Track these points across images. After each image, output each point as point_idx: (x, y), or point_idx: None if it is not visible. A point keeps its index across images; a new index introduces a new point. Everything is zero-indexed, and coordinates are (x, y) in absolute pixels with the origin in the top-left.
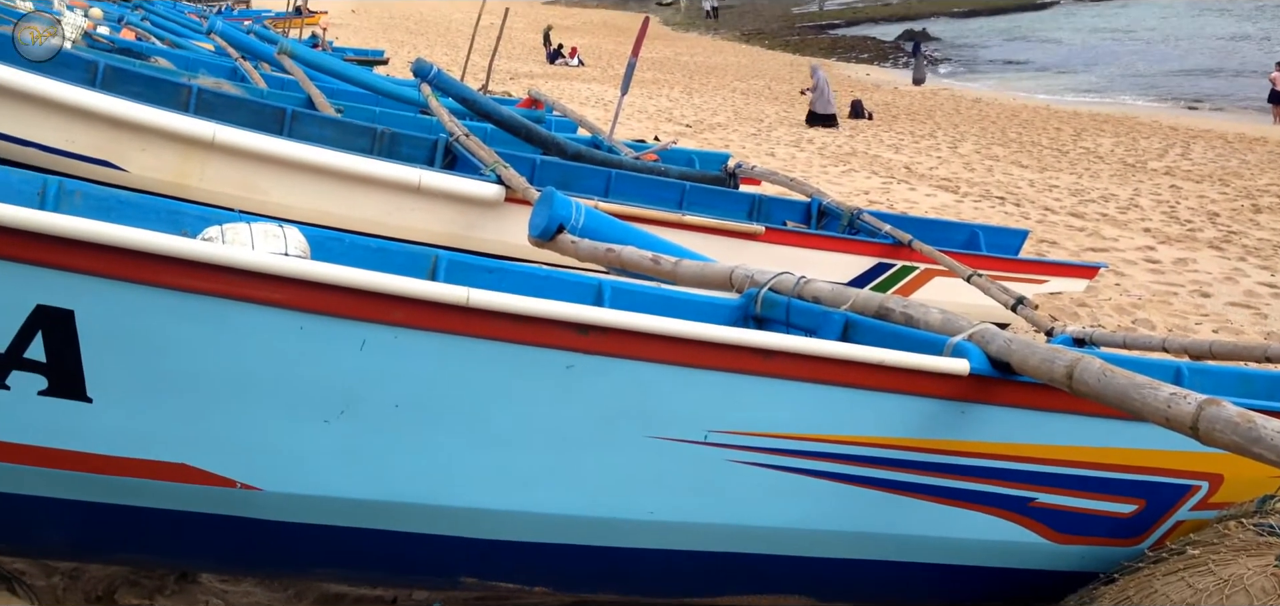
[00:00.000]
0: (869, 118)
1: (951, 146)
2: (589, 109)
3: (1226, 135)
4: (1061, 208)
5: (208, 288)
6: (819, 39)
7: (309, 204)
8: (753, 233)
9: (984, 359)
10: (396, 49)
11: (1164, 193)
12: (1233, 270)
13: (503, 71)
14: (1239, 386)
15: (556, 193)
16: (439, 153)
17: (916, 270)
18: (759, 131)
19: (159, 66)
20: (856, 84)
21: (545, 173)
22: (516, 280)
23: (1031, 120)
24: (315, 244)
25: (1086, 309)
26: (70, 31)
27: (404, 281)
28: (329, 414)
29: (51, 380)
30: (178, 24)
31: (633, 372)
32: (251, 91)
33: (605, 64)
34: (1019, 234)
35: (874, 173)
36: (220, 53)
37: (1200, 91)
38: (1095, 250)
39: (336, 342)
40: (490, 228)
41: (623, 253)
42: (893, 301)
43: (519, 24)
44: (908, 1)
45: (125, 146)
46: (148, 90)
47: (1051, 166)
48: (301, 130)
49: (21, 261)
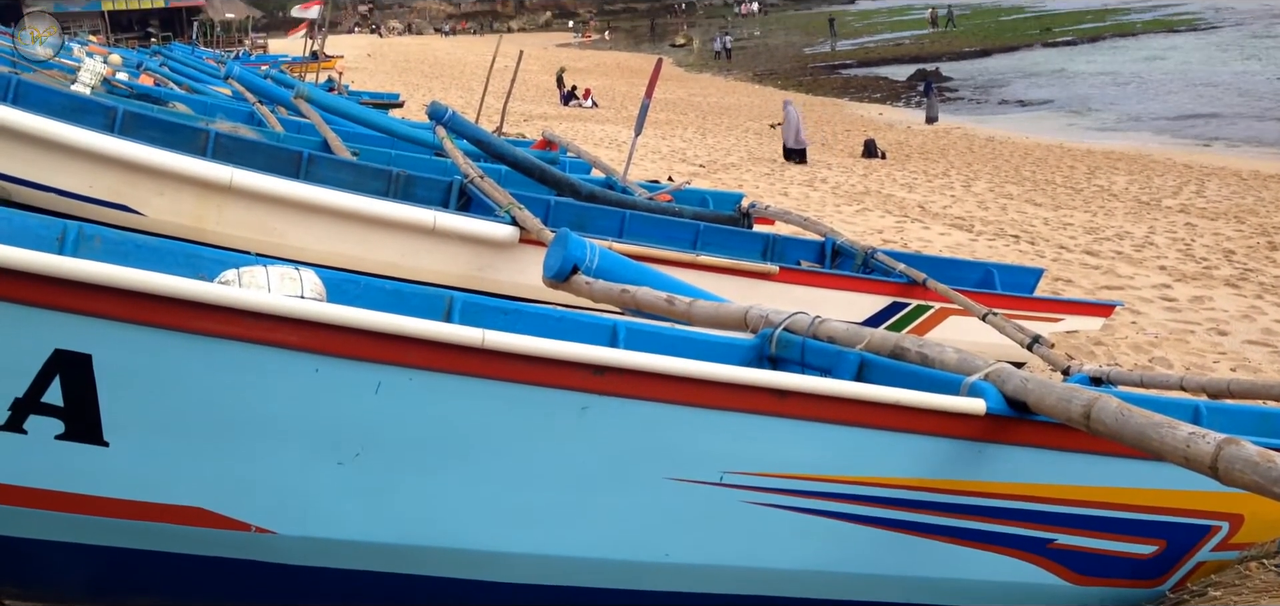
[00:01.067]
0: (882, 157)
1: (965, 185)
2: (603, 150)
3: (1241, 173)
4: (1076, 246)
5: (224, 331)
6: (831, 79)
7: (325, 246)
8: (767, 272)
9: (1001, 399)
10: (412, 92)
11: (1179, 230)
12: (1250, 308)
13: (517, 113)
14: (1258, 425)
15: (571, 234)
16: (454, 194)
17: (932, 309)
18: (772, 171)
19: (177, 111)
20: (869, 123)
21: (559, 214)
22: (531, 322)
23: (1045, 158)
24: (331, 286)
25: (1103, 347)
26: (89, 78)
27: (419, 323)
28: (344, 456)
29: (68, 424)
30: (196, 69)
31: (648, 414)
32: (268, 135)
33: (619, 105)
34: (1034, 272)
35: (888, 212)
36: (238, 97)
37: (1215, 130)
38: (1111, 288)
39: (352, 385)
40: (505, 269)
41: (637, 293)
42: (908, 341)
43: (533, 67)
44: (920, 41)
45: (143, 191)
46: (166, 135)
47: (1065, 204)
48: (318, 173)
49: (40, 306)
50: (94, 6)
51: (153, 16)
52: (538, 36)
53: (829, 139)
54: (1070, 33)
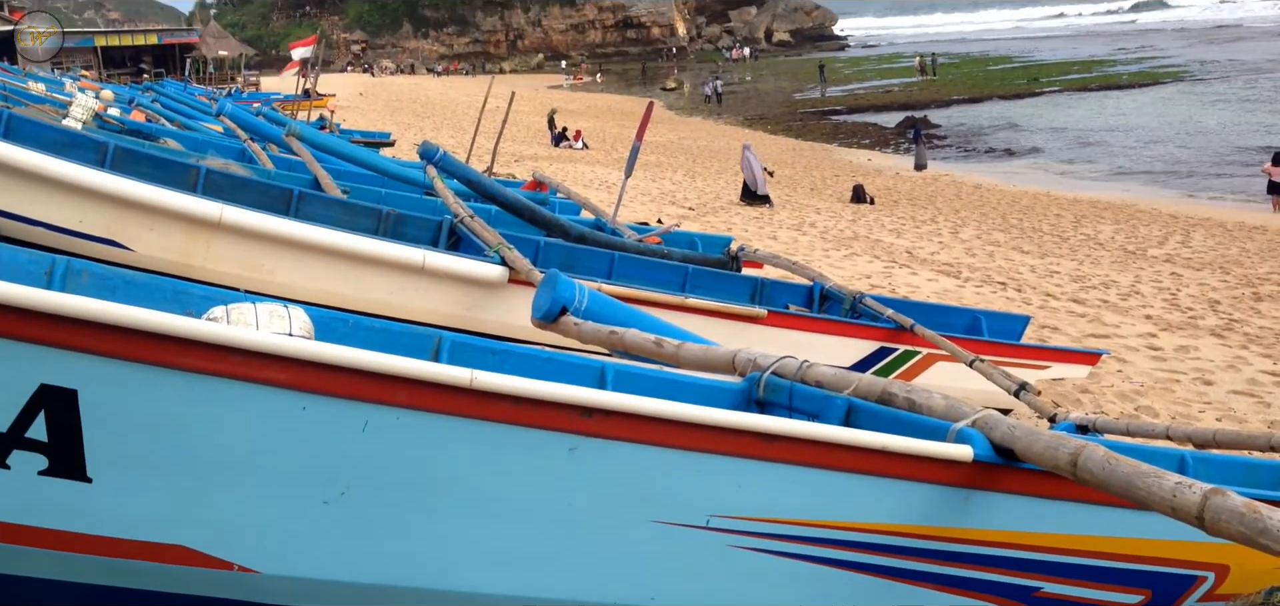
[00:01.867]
0: (871, 202)
1: (953, 232)
2: (593, 191)
3: (1226, 223)
4: (1063, 294)
5: (211, 367)
6: (821, 125)
7: (314, 284)
8: (755, 316)
9: (987, 446)
10: (403, 131)
11: (1165, 280)
12: (1235, 358)
13: (507, 154)
14: (1244, 476)
15: (560, 275)
16: (444, 234)
17: (919, 355)
18: (761, 215)
19: (168, 147)
20: (858, 169)
21: (549, 254)
22: (520, 362)
23: (1032, 207)
24: (320, 325)
25: (1089, 395)
26: (81, 113)
27: (407, 362)
28: (329, 495)
29: (52, 460)
30: (188, 106)
31: (635, 456)
32: (259, 172)
33: (609, 147)
34: (1021, 319)
35: (876, 257)
36: (229, 134)
37: (1200, 181)
38: (1097, 336)
39: (339, 424)
40: (494, 309)
41: (626, 335)
42: (896, 386)
43: (524, 108)
44: (909, 89)
45: (133, 226)
46: (157, 171)
47: (1052, 252)
48: (308, 211)
49: (27, 340)
50: (87, 42)
51: (146, 53)
52: (530, 78)
53: (818, 184)
54: (1057, 83)
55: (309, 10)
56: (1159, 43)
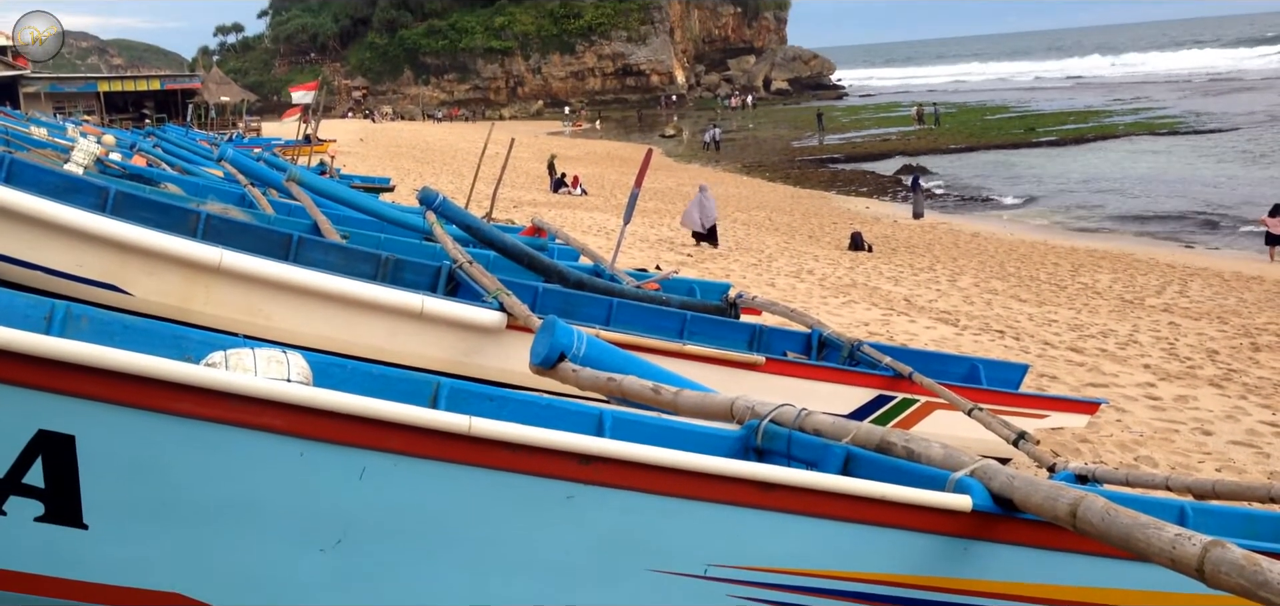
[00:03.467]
0: (869, 250)
1: (951, 280)
2: (591, 237)
3: (1223, 273)
4: (1061, 342)
5: (209, 413)
6: (819, 172)
7: (312, 329)
8: (753, 363)
9: (986, 495)
10: (403, 177)
11: (1163, 329)
12: (1234, 408)
13: (507, 199)
14: (1244, 528)
15: (558, 321)
16: (442, 279)
17: (917, 403)
18: (759, 261)
19: (169, 192)
20: (856, 216)
21: (547, 300)
22: (518, 409)
23: (1029, 255)
24: (318, 370)
25: (1088, 445)
26: (83, 157)
27: (405, 409)
28: (325, 543)
29: (49, 506)
30: (189, 151)
31: (633, 504)
32: (259, 217)
33: (608, 193)
34: (1019, 368)
35: (874, 304)
36: (230, 179)
37: (1197, 231)
38: (1095, 385)
39: (336, 470)
40: (492, 355)
41: (624, 382)
42: (894, 435)
43: (524, 154)
44: (906, 138)
45: (132, 270)
46: (157, 215)
47: (1050, 301)
48: (307, 256)
49: (24, 386)
50: (90, 88)
51: (148, 98)
52: (529, 124)
53: (816, 231)
54: (1054, 133)
55: (311, 57)
56: (1154, 94)
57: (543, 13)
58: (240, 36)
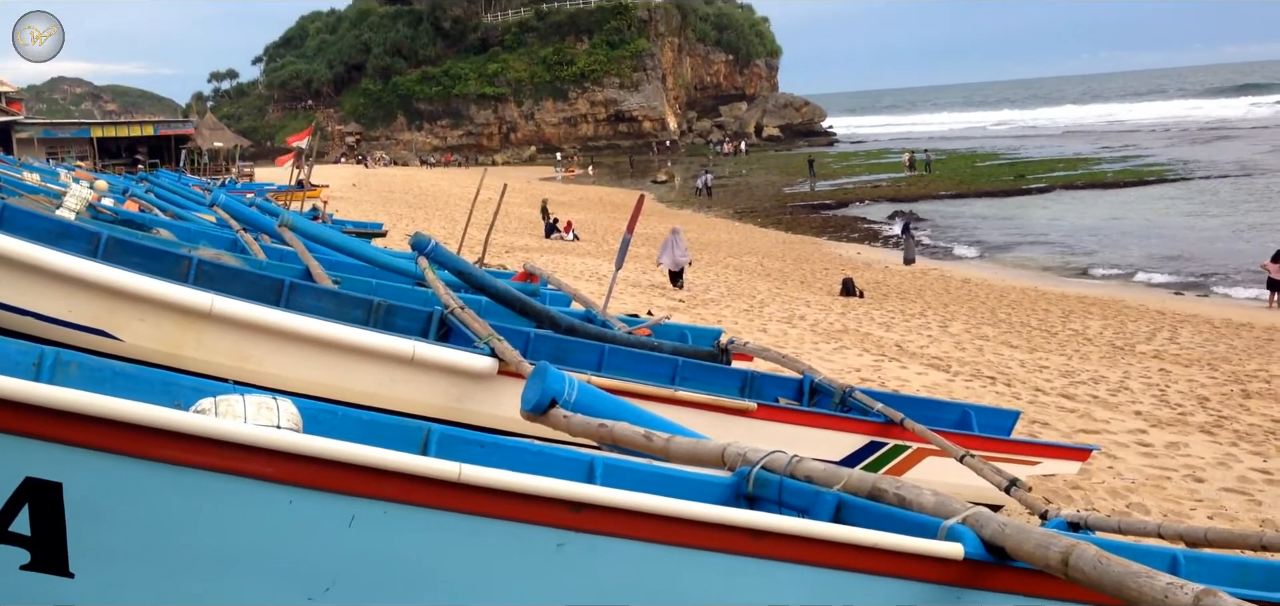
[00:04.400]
0: (860, 296)
1: (942, 325)
2: (583, 283)
3: (1213, 320)
4: (1052, 389)
5: (198, 460)
6: (810, 218)
7: (303, 375)
8: (745, 409)
9: (978, 543)
10: (395, 222)
11: (1153, 376)
12: (1225, 455)
13: (499, 245)
14: (1235, 576)
15: (550, 367)
16: (434, 325)
17: (909, 449)
18: (751, 307)
19: (161, 238)
20: (847, 262)
21: (539, 346)
22: (508, 455)
23: (1020, 301)
24: (308, 416)
25: (1080, 492)
26: (75, 203)
27: (395, 456)
28: (314, 591)
29: (35, 554)
30: (181, 196)
31: (625, 552)
32: (251, 263)
33: (600, 239)
34: (1011, 415)
35: (865, 350)
36: (222, 224)
37: (1186, 278)
38: (1087, 432)
39: (326, 518)
40: (483, 401)
41: (615, 429)
42: (886, 482)
43: (516, 199)
44: (897, 184)
45: (123, 316)
46: (149, 261)
47: (1041, 347)
48: (299, 301)
49: (12, 433)
50: (83, 133)
51: (141, 144)
52: (522, 170)
53: (807, 277)
54: (1044, 180)
55: (307, 103)
56: (1142, 142)
57: (536, 59)
58: (234, 83)
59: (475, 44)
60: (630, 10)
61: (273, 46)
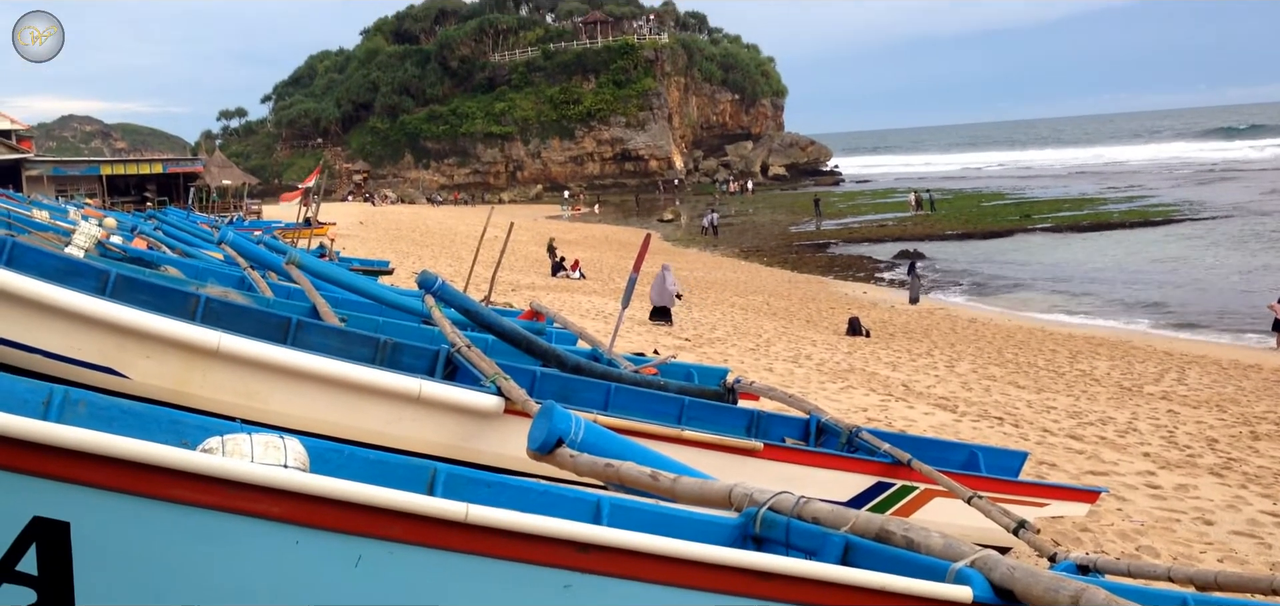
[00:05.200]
0: (866, 335)
1: (948, 365)
2: (589, 321)
3: (1221, 361)
4: (1060, 429)
5: (205, 500)
6: (816, 257)
7: (309, 413)
8: (751, 449)
9: (987, 587)
10: (402, 259)
11: (1162, 417)
12: (1234, 498)
13: (505, 283)
14: None
15: (556, 406)
16: (440, 363)
17: (916, 490)
18: (757, 346)
19: (168, 275)
20: (854, 302)
21: (545, 385)
22: (515, 495)
23: (1026, 341)
24: (315, 455)
25: (1089, 534)
26: (84, 241)
27: (402, 496)
28: None
29: (41, 594)
30: (189, 233)
31: (631, 593)
32: (258, 300)
33: (606, 277)
34: (1018, 455)
35: (872, 390)
36: (230, 262)
37: (1194, 318)
38: (1095, 473)
39: (332, 558)
40: (490, 439)
41: (622, 468)
42: (893, 524)
43: (523, 237)
44: (903, 223)
45: (130, 354)
46: (156, 299)
47: (1048, 388)
48: (305, 339)
49: (21, 471)
50: (92, 171)
51: (150, 181)
52: (528, 208)
53: (814, 316)
54: (1049, 220)
55: (317, 142)
56: (1147, 182)
57: (543, 98)
58: (243, 121)
59: (482, 83)
60: (637, 50)
61: (281, 85)
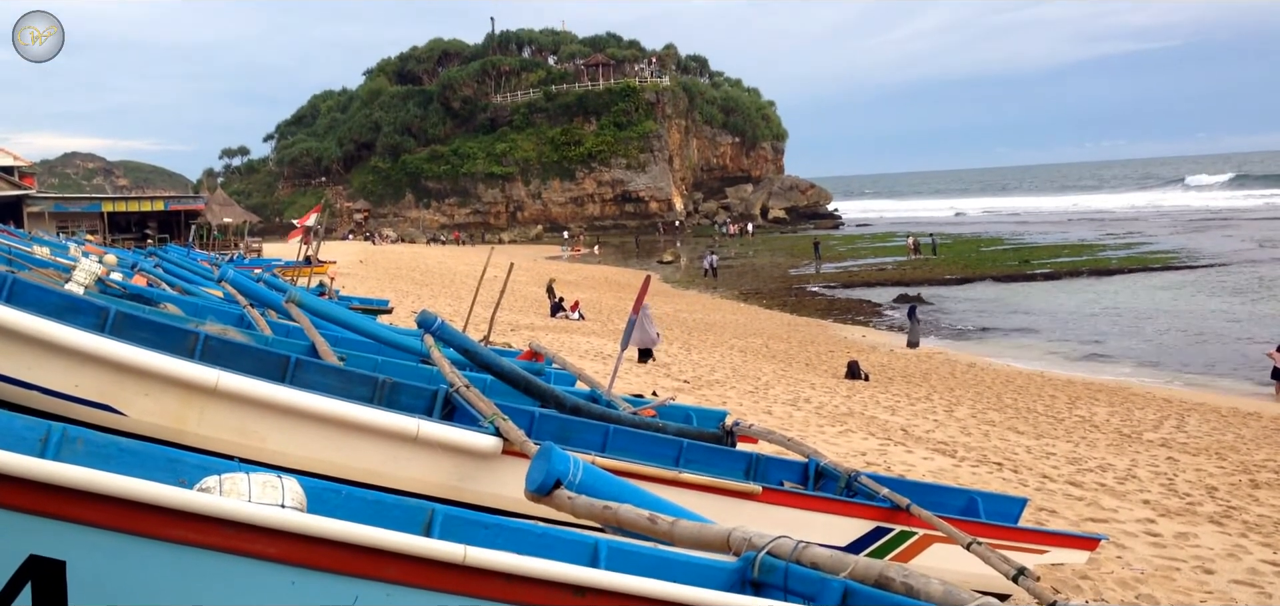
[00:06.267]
0: (865, 379)
1: (948, 410)
2: (588, 362)
3: (1220, 408)
4: (1059, 476)
5: (202, 540)
6: (816, 300)
7: (307, 452)
8: (750, 492)
9: None
10: (401, 298)
11: (1161, 464)
12: (1234, 546)
13: (504, 323)
14: None
15: (554, 448)
16: (439, 403)
17: (915, 536)
18: (756, 389)
19: (168, 313)
20: (853, 345)
21: (543, 426)
22: (513, 537)
23: (1026, 387)
24: (312, 495)
25: (1089, 582)
26: (84, 277)
27: (399, 537)
28: None
29: None
30: (189, 271)
31: None
32: (257, 338)
33: (605, 318)
34: (1018, 502)
35: (871, 434)
36: (230, 299)
37: (1193, 365)
38: (1095, 520)
39: (329, 599)
40: (487, 480)
41: (620, 511)
42: (892, 569)
43: (522, 278)
44: (902, 267)
45: (128, 391)
46: (155, 336)
47: (1048, 433)
48: (304, 378)
49: (17, 510)
50: (94, 208)
51: (151, 218)
52: (528, 249)
53: (813, 359)
54: (1048, 266)
55: (320, 180)
56: (1145, 229)
57: (544, 139)
58: (245, 159)
59: (484, 124)
60: (638, 92)
61: (284, 124)
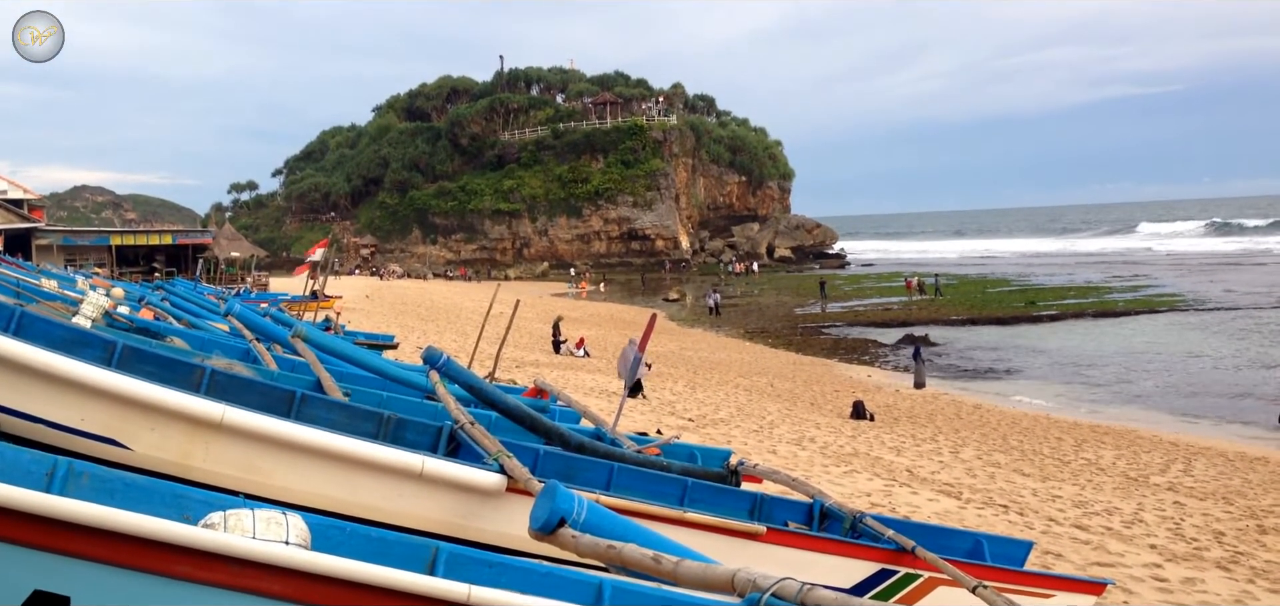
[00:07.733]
0: (871, 419)
1: (953, 451)
2: (593, 399)
3: (1227, 453)
4: (1065, 519)
5: (206, 577)
6: (821, 339)
7: (312, 487)
8: (754, 533)
9: None
10: (407, 334)
11: (1168, 509)
12: (1242, 593)
13: (509, 360)
14: None
15: (559, 486)
16: (443, 439)
17: (920, 578)
18: (761, 428)
19: (174, 347)
20: (858, 385)
21: (548, 463)
22: (516, 576)
23: (1032, 429)
24: (317, 532)
25: None
26: (91, 310)
27: (403, 576)
28: None
29: None
30: (196, 305)
31: None
32: (263, 373)
33: (611, 356)
34: (1023, 545)
35: (876, 474)
36: (236, 334)
37: (1200, 409)
38: (1101, 565)
39: None
40: (491, 518)
41: (624, 551)
42: None
43: (528, 314)
44: (908, 307)
45: (134, 425)
46: (162, 370)
47: (1053, 476)
48: (309, 413)
49: (22, 544)
50: (102, 241)
51: (159, 252)
52: (534, 286)
53: (818, 399)
54: (1054, 307)
55: (324, 215)
56: (1152, 272)
57: (551, 176)
58: (253, 194)
59: (492, 161)
60: (645, 131)
61: (293, 159)
